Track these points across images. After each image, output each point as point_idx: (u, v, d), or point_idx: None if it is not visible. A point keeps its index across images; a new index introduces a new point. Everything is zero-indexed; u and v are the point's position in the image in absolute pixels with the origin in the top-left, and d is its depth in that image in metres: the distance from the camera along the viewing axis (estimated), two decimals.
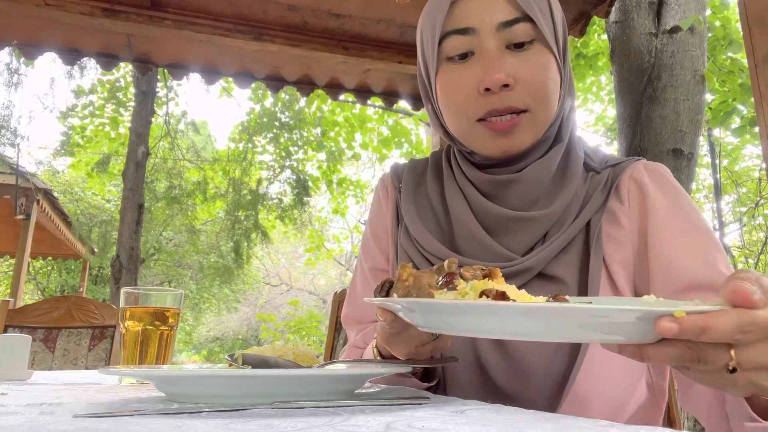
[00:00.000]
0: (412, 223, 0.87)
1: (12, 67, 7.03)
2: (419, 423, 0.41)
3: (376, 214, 0.98)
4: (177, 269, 14.24)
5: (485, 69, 0.75)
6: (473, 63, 0.77)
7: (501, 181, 0.80)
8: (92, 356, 1.95)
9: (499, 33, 0.75)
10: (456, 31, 0.77)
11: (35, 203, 6.58)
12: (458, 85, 0.78)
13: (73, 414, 0.46)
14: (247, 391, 0.54)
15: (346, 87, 2.93)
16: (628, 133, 3.38)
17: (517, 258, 0.77)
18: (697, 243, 0.75)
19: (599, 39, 5.80)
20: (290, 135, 9.93)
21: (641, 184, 0.79)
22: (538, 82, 0.76)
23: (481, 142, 0.79)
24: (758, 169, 7.24)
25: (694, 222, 0.77)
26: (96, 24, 2.31)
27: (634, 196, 0.79)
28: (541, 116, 0.77)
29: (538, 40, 0.76)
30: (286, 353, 0.68)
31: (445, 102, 0.81)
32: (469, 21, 0.76)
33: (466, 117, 0.78)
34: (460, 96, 0.78)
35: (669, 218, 0.76)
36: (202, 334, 18.56)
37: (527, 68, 0.75)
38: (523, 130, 0.77)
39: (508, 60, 0.75)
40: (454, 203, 0.84)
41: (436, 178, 0.91)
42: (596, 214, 0.78)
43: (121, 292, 0.98)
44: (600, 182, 0.80)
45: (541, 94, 0.76)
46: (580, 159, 0.83)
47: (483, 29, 0.76)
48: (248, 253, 10.22)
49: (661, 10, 3.48)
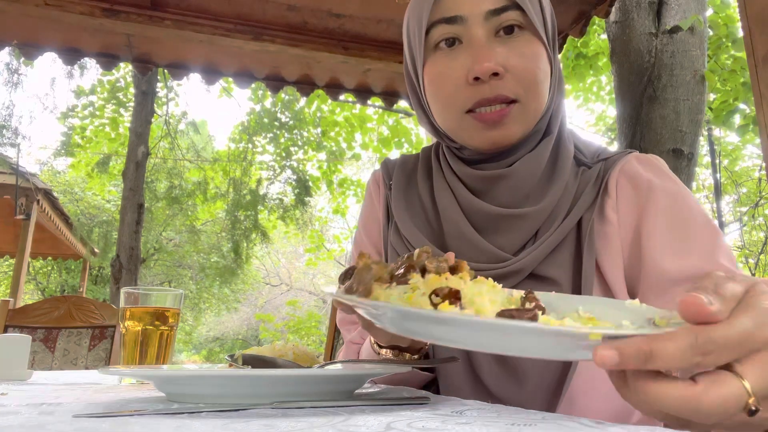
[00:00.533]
0: (402, 220, 0.86)
1: (12, 66, 7.02)
2: (419, 423, 0.41)
3: (368, 210, 0.97)
4: (177, 269, 14.25)
5: (474, 57, 0.73)
6: (461, 52, 0.75)
7: (490, 177, 0.78)
8: (92, 356, 1.95)
9: (488, 21, 0.74)
10: (443, 19, 0.76)
11: (35, 203, 6.58)
12: (447, 75, 0.76)
13: (73, 414, 0.46)
14: (247, 391, 0.54)
15: (346, 87, 2.93)
16: (628, 133, 3.38)
17: (508, 257, 0.76)
18: (694, 234, 0.72)
19: (599, 39, 5.80)
20: (290, 135, 9.93)
21: (632, 176, 0.77)
22: (528, 71, 0.74)
23: (470, 134, 0.77)
24: (758, 169, 7.24)
25: (691, 212, 0.74)
26: (96, 24, 2.31)
27: (624, 189, 0.77)
28: (532, 106, 0.76)
29: (527, 28, 0.75)
30: (286, 353, 0.68)
31: (433, 94, 0.79)
32: (456, 9, 0.75)
33: (455, 108, 0.77)
34: (449, 86, 0.76)
35: (663, 209, 0.74)
36: (202, 334, 18.56)
37: (517, 57, 0.74)
38: (513, 122, 0.75)
39: (497, 49, 0.74)
40: (443, 201, 0.82)
41: (426, 175, 0.89)
42: (587, 212, 0.76)
43: (121, 292, 0.98)
44: (591, 177, 0.79)
45: (532, 84, 0.74)
46: (570, 153, 0.81)
47: (471, 17, 0.74)
48: (248, 253, 10.22)
49: (661, 10, 3.48)
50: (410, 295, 0.49)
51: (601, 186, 0.78)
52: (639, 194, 0.75)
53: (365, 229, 0.97)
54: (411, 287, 0.50)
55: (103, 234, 10.33)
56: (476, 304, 0.47)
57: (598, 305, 0.54)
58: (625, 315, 0.49)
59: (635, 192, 0.76)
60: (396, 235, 0.87)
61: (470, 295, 0.48)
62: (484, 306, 0.47)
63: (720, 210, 5.22)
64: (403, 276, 0.52)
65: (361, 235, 0.97)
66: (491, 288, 0.54)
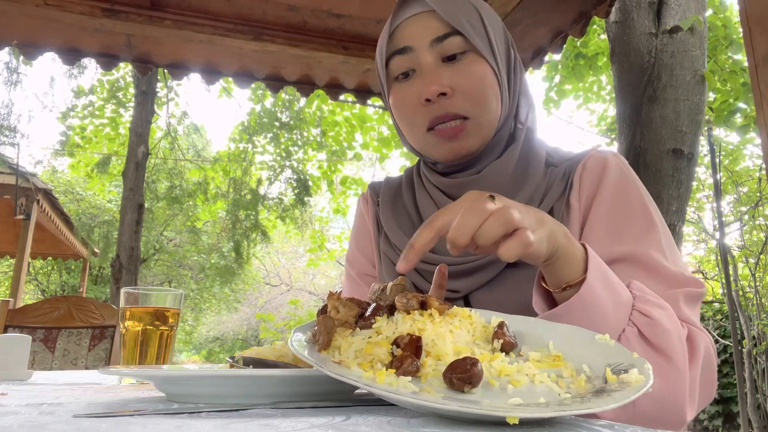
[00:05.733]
0: (391, 229, 0.95)
1: (11, 66, 7.02)
2: (419, 423, 0.41)
3: (360, 225, 1.07)
4: (177, 269, 14.24)
5: (424, 82, 0.84)
6: (415, 79, 0.86)
7: (462, 183, 0.88)
8: (92, 356, 1.95)
9: (433, 48, 0.84)
10: (396, 51, 0.87)
11: (35, 203, 6.58)
12: (405, 101, 0.87)
13: (73, 414, 0.46)
14: (247, 391, 0.54)
15: (346, 87, 2.93)
16: (628, 133, 3.38)
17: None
18: (629, 224, 0.80)
19: (599, 39, 5.80)
20: (290, 135, 9.92)
21: (591, 169, 0.87)
22: (473, 88, 0.83)
23: (434, 148, 0.87)
24: (758, 169, 7.24)
25: (631, 203, 0.82)
26: (96, 24, 2.31)
27: (584, 182, 0.86)
28: (483, 120, 0.85)
29: (471, 51, 0.84)
30: (286, 353, 0.68)
31: (398, 117, 0.90)
32: (406, 41, 0.86)
33: (417, 128, 0.87)
34: (408, 110, 0.87)
35: (607, 198, 0.83)
36: (202, 334, 18.56)
37: (462, 77, 0.83)
38: (469, 135, 0.85)
39: (444, 72, 0.84)
40: (424, 208, 0.93)
41: (410, 189, 1.00)
42: (557, 202, 0.86)
43: (121, 292, 0.98)
44: (559, 174, 0.88)
45: (479, 100, 0.84)
46: (541, 158, 0.90)
47: (418, 47, 0.85)
48: (248, 253, 10.21)
49: (661, 10, 3.48)
50: (368, 347, 0.50)
51: (569, 180, 0.87)
52: (593, 184, 0.86)
53: (358, 246, 1.06)
54: (375, 332, 0.53)
55: (104, 234, 10.32)
56: (438, 349, 0.49)
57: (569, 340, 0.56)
58: (589, 357, 0.52)
59: (590, 182, 0.86)
60: (386, 243, 0.96)
61: (432, 340, 0.49)
62: (445, 351, 0.49)
63: (720, 210, 5.22)
64: (368, 319, 0.55)
65: (354, 253, 1.07)
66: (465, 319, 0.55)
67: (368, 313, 0.55)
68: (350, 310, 0.55)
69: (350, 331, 0.54)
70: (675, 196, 3.20)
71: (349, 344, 0.51)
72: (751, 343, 5.69)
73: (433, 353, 0.48)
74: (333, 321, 0.54)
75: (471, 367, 0.44)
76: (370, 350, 0.50)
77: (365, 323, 0.54)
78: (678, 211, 3.22)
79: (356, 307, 0.56)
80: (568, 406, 0.42)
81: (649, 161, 3.25)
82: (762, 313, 5.98)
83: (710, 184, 7.64)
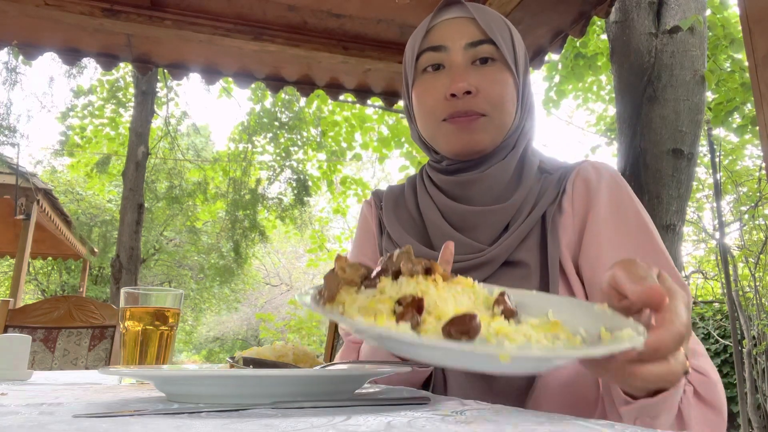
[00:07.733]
0: (394, 229, 0.99)
1: (10, 65, 7.02)
2: (419, 423, 0.41)
3: (363, 230, 1.10)
4: (177, 269, 14.24)
5: (452, 78, 0.89)
6: (443, 74, 0.91)
7: (465, 181, 0.92)
8: (92, 356, 1.95)
9: (466, 51, 0.90)
10: (431, 48, 0.92)
11: (35, 203, 6.58)
12: (429, 92, 0.92)
13: (73, 414, 0.46)
14: (247, 391, 0.54)
15: (346, 87, 2.93)
16: (628, 133, 3.38)
17: (484, 247, 0.87)
18: (631, 241, 0.82)
19: (599, 39, 5.80)
20: (290, 135, 9.92)
21: (585, 178, 0.90)
22: (495, 93, 0.89)
23: (446, 138, 0.91)
24: (758, 169, 7.24)
25: (632, 220, 0.84)
26: (96, 24, 2.31)
27: (578, 188, 0.89)
28: (497, 121, 0.90)
29: (499, 60, 0.91)
30: (286, 354, 0.68)
31: (418, 105, 0.95)
32: (441, 40, 0.92)
33: (434, 118, 0.92)
34: (431, 100, 0.92)
35: (606, 215, 0.85)
36: (202, 334, 18.56)
37: (488, 81, 0.89)
38: (481, 130, 0.89)
39: (472, 73, 0.89)
40: (425, 208, 0.97)
41: (413, 193, 1.04)
42: (550, 206, 0.89)
43: (121, 292, 0.98)
44: (553, 181, 0.92)
45: (498, 103, 0.89)
46: (533, 165, 0.95)
47: (453, 47, 0.91)
48: (248, 253, 10.21)
49: (661, 10, 3.48)
50: (371, 302, 0.50)
51: (562, 186, 0.91)
52: (589, 191, 0.88)
53: (361, 250, 1.08)
54: (379, 291, 0.52)
55: (103, 234, 10.32)
56: (439, 310, 0.49)
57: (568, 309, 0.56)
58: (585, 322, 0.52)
59: (586, 189, 0.89)
60: (389, 242, 1.00)
61: (435, 302, 0.49)
62: (446, 312, 0.48)
63: (720, 210, 5.22)
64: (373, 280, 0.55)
65: (356, 255, 1.09)
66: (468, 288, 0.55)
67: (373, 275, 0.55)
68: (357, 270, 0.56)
69: (355, 288, 0.54)
70: (675, 196, 3.21)
71: (353, 300, 0.52)
72: (751, 343, 5.69)
73: (435, 314, 0.48)
74: (339, 278, 0.54)
75: (469, 321, 0.45)
76: (373, 306, 0.49)
77: (370, 282, 0.54)
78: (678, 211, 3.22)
79: (362, 268, 0.57)
80: (559, 349, 0.43)
81: (649, 161, 3.25)
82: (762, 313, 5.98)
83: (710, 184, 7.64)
